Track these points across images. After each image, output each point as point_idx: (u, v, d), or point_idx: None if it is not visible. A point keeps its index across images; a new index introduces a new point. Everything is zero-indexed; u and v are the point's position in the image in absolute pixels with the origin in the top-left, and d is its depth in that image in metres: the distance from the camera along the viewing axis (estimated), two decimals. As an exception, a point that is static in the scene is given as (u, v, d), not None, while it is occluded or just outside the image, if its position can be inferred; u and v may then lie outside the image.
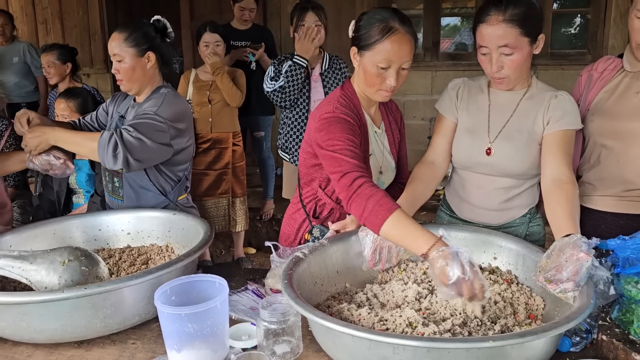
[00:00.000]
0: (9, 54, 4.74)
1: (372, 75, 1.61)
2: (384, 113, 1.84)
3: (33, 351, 1.42)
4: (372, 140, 1.77)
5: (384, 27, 1.57)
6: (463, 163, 1.81)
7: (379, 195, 1.41)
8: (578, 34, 5.58)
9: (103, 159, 1.81)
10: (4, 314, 1.38)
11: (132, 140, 1.80)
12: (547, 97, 1.68)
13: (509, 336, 1.08)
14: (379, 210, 1.38)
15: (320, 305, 1.44)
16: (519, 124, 1.70)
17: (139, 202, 2.04)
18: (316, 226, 1.84)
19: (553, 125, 1.65)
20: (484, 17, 1.61)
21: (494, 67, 1.63)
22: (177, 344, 1.29)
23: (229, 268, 2.40)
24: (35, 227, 1.88)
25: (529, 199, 1.81)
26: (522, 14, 1.57)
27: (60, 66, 3.71)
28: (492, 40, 1.60)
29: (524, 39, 1.59)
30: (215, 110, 3.51)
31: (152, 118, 1.87)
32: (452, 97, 1.82)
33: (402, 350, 1.08)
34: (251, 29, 4.06)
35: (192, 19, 5.70)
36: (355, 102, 1.71)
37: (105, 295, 1.39)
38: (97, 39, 5.98)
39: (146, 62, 1.97)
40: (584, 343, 1.34)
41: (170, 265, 1.49)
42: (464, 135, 1.80)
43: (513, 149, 1.70)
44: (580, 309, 1.16)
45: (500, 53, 1.60)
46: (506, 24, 1.57)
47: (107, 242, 1.95)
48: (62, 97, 2.86)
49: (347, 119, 1.62)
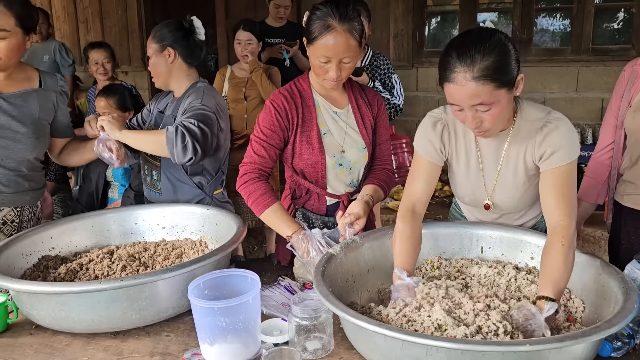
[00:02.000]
0: (41, 52, 4.85)
1: (316, 67, 1.71)
2: (351, 96, 1.86)
3: (71, 340, 1.46)
4: (327, 120, 1.82)
5: (322, 25, 1.64)
6: (468, 204, 1.73)
7: (258, 193, 1.76)
8: (621, 29, 5.38)
9: (172, 152, 1.84)
10: (44, 303, 1.42)
11: (196, 130, 1.85)
12: (532, 130, 1.49)
13: (546, 340, 1.04)
14: (257, 206, 1.76)
15: (353, 304, 1.44)
16: (512, 170, 1.55)
17: (176, 195, 2.08)
18: (299, 209, 1.91)
19: (543, 164, 1.47)
20: (448, 75, 1.35)
21: (471, 124, 1.42)
22: (209, 337, 1.30)
23: (261, 263, 2.41)
24: (74, 220, 1.93)
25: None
26: (493, 66, 1.31)
27: (111, 64, 3.83)
28: (463, 100, 1.36)
29: (500, 91, 1.34)
30: (250, 107, 3.54)
31: (202, 109, 1.93)
32: (435, 142, 1.59)
33: (436, 352, 1.06)
34: (286, 26, 4.08)
35: (227, 17, 5.76)
36: (305, 87, 1.83)
37: (141, 288, 1.42)
38: (135, 37, 6.11)
39: (167, 57, 2.03)
40: (625, 348, 1.29)
41: (204, 259, 1.51)
42: (461, 185, 1.66)
43: (511, 197, 1.60)
44: (623, 313, 1.11)
45: (476, 110, 1.37)
46: (476, 82, 1.31)
47: (143, 235, 1.98)
48: (101, 96, 2.94)
49: (271, 107, 1.79)
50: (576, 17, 4.82)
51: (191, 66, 2.09)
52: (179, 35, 2.04)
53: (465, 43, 1.35)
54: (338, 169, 1.84)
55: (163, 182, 2.09)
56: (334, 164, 1.82)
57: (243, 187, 1.79)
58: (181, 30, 2.06)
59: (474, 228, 1.69)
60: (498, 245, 1.65)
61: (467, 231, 1.69)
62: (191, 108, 1.94)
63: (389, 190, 1.89)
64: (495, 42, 1.34)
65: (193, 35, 2.08)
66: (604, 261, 1.38)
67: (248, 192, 1.77)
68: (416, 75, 5.23)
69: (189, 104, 1.98)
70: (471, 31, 1.43)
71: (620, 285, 1.24)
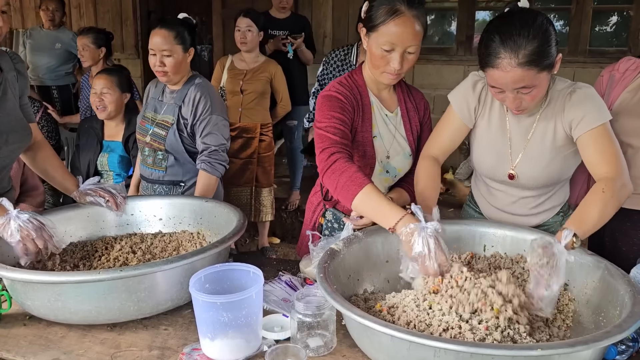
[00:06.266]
0: (53, 39, 4.75)
1: (377, 57, 1.60)
2: (401, 99, 1.78)
3: (67, 332, 1.42)
4: (378, 123, 1.74)
5: (390, 9, 1.54)
6: (486, 174, 1.73)
7: (351, 170, 1.47)
8: (614, 32, 5.41)
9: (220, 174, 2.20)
10: (40, 293, 1.38)
11: (223, 154, 2.20)
12: (561, 98, 1.53)
13: (558, 345, 1.03)
14: (350, 185, 1.45)
15: (354, 300, 1.42)
16: (540, 141, 1.58)
17: (180, 173, 2.28)
18: (329, 210, 1.84)
19: (576, 130, 1.50)
20: (492, 61, 1.38)
21: (512, 105, 1.47)
22: (210, 332, 1.27)
23: (257, 257, 2.39)
24: (69, 210, 1.88)
25: (560, 197, 1.75)
26: (537, 50, 1.34)
27: (95, 50, 3.73)
28: (507, 84, 1.40)
29: (542, 74, 1.39)
30: (246, 100, 3.50)
31: (218, 121, 2.19)
32: (471, 102, 1.63)
33: (444, 354, 1.04)
34: (290, 18, 4.03)
35: (223, 6, 5.69)
36: (360, 83, 1.72)
37: (140, 279, 1.39)
38: (129, 25, 6.02)
39: (188, 57, 2.23)
40: (630, 352, 1.29)
41: (204, 251, 1.48)
42: (485, 153, 1.68)
43: (536, 170, 1.61)
44: (633, 318, 1.10)
45: (518, 91, 1.41)
46: (522, 68, 1.35)
47: (140, 226, 1.95)
48: (102, 73, 2.85)
49: (339, 97, 1.64)
50: (574, 19, 4.84)
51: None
52: (194, 35, 2.25)
53: (508, 27, 1.36)
54: (384, 175, 1.77)
55: (169, 162, 2.25)
56: (381, 170, 1.75)
57: (331, 170, 1.50)
58: (194, 30, 2.26)
59: (477, 226, 1.67)
60: (501, 243, 1.63)
61: (470, 229, 1.67)
62: (210, 123, 2.17)
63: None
64: (538, 25, 1.36)
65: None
66: (610, 263, 1.37)
67: (339, 171, 1.48)
68: (412, 71, 5.21)
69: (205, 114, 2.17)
70: (512, 14, 1.43)
71: (627, 289, 1.23)
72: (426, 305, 1.26)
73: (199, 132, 2.19)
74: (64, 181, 1.89)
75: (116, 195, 1.88)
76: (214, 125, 2.18)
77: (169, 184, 2.29)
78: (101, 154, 2.84)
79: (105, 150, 2.83)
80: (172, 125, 2.21)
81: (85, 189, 1.86)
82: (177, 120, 2.20)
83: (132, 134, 2.70)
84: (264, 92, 3.55)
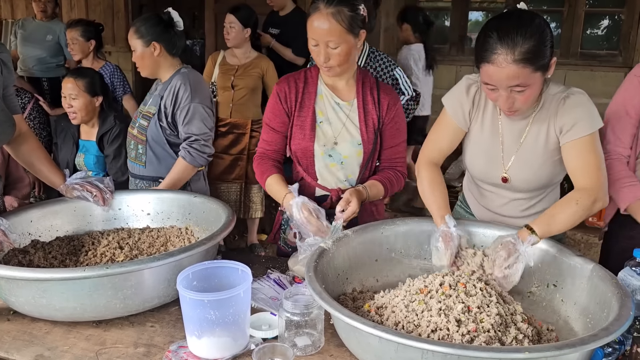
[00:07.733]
0: (44, 31, 4.67)
1: (311, 52, 1.73)
2: (359, 91, 1.83)
3: (51, 328, 1.40)
4: (327, 110, 1.82)
5: (313, 6, 1.68)
6: (479, 177, 1.73)
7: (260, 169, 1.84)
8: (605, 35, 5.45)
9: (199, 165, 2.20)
10: (24, 290, 1.36)
11: (207, 144, 2.18)
12: (555, 102, 1.53)
13: (545, 348, 1.03)
14: (260, 178, 1.84)
15: (342, 299, 1.41)
16: (533, 144, 1.58)
17: (160, 168, 2.22)
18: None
19: (564, 136, 1.51)
20: (488, 56, 1.39)
21: (504, 105, 1.47)
22: (197, 330, 1.26)
23: (246, 254, 2.38)
24: (56, 204, 1.86)
25: (551, 200, 1.74)
26: (533, 49, 1.36)
27: (84, 43, 3.67)
28: (501, 81, 1.40)
29: (536, 74, 1.40)
30: (237, 96, 3.48)
31: (200, 108, 2.15)
32: (466, 106, 1.63)
33: (432, 356, 1.04)
34: (289, 15, 3.95)
35: (216, 1, 5.65)
36: (313, 75, 1.85)
37: (126, 276, 1.37)
38: (121, 17, 5.96)
39: (152, 51, 2.18)
40: (616, 354, 1.29)
41: (192, 248, 1.46)
42: (477, 155, 1.68)
43: (528, 173, 1.61)
44: (620, 321, 1.11)
45: (511, 90, 1.42)
46: (517, 65, 1.36)
47: (127, 221, 1.92)
48: (70, 76, 2.72)
49: (277, 93, 1.84)
50: (566, 21, 4.86)
51: (175, 56, 2.25)
52: (160, 30, 2.19)
53: (506, 25, 1.40)
54: (328, 160, 1.82)
55: (148, 156, 2.22)
56: (322, 154, 1.81)
57: (255, 168, 1.88)
58: (161, 24, 2.21)
59: (467, 226, 1.67)
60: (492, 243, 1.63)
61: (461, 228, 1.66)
62: (189, 112, 2.14)
63: (392, 190, 1.85)
64: (535, 25, 1.39)
65: (173, 28, 2.23)
66: (598, 265, 1.37)
67: (257, 171, 1.86)
68: (405, 70, 5.21)
69: (182, 101, 2.14)
70: (511, 13, 1.47)
71: (615, 291, 1.24)
72: (416, 305, 1.26)
73: (180, 120, 2.16)
74: (50, 174, 1.86)
75: (104, 190, 1.85)
76: (194, 113, 2.16)
77: (149, 179, 2.25)
78: (78, 154, 2.78)
79: (81, 150, 2.77)
80: (153, 116, 2.20)
81: (72, 183, 1.84)
82: (158, 110, 2.19)
83: (106, 133, 2.67)
84: (255, 88, 3.53)
